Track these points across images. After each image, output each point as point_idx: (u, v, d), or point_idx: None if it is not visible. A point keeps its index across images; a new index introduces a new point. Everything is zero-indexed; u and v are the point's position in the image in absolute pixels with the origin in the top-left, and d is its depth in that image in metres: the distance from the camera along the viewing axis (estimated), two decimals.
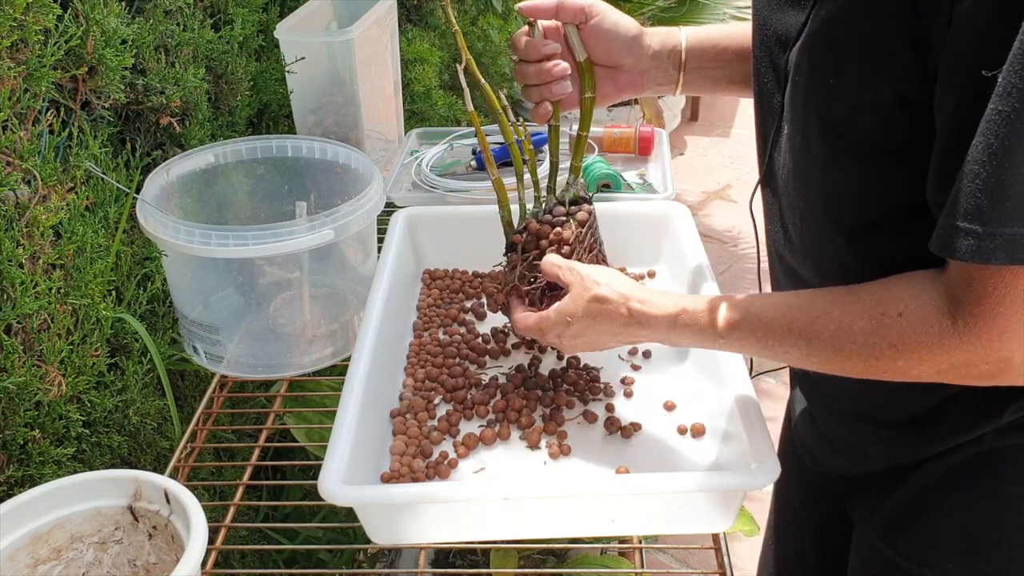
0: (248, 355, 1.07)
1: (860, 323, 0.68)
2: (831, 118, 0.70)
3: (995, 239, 0.58)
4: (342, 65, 1.35)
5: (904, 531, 0.82)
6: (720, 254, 3.07)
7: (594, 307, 0.82)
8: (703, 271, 1.04)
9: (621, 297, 0.81)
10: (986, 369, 0.64)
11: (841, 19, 0.67)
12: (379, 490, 0.82)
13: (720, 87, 0.98)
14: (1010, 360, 0.63)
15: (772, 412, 0.98)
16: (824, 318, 0.70)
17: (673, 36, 0.95)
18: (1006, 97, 0.56)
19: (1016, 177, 0.57)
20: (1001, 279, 0.60)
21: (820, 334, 0.70)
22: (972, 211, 0.58)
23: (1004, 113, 0.56)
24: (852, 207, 0.73)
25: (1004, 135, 0.56)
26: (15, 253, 0.89)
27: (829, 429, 0.91)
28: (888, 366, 0.67)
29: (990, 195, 0.57)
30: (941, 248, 0.62)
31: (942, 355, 0.64)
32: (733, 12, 2.95)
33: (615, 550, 1.33)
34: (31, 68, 0.91)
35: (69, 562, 0.80)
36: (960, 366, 0.64)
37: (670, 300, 0.80)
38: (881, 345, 0.67)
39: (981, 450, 0.76)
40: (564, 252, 0.91)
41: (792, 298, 0.74)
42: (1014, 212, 0.57)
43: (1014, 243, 0.58)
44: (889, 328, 0.66)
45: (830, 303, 0.71)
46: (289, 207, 1.17)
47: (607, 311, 0.82)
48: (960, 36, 0.58)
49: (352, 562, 1.46)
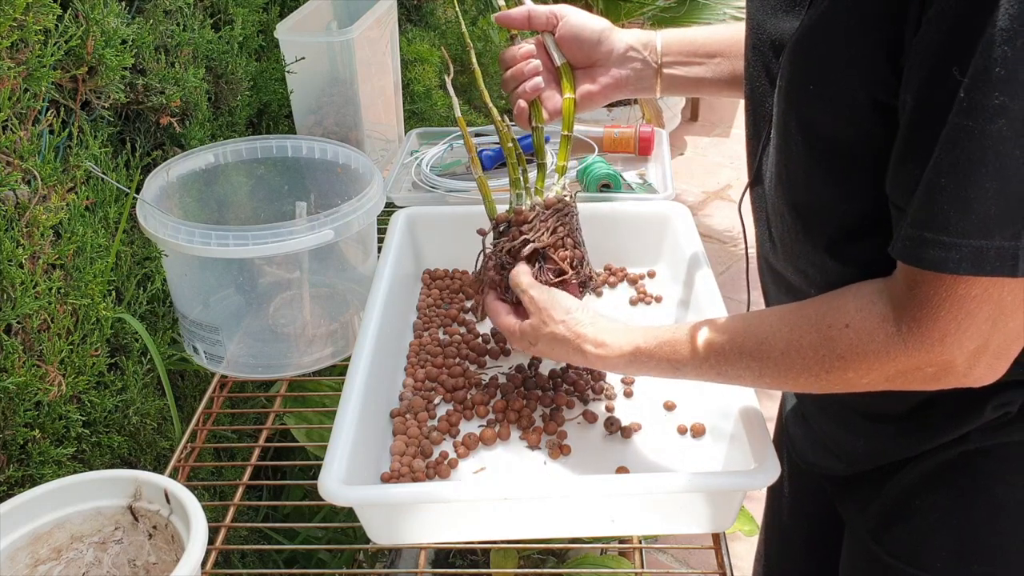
0: (248, 355, 1.07)
1: (808, 338, 0.69)
2: (810, 122, 0.71)
3: (961, 250, 0.59)
4: (342, 65, 1.35)
5: (893, 530, 0.82)
6: (720, 254, 3.07)
7: (551, 341, 0.85)
8: (703, 271, 1.04)
9: (576, 338, 0.83)
10: (930, 372, 0.65)
11: (822, 25, 0.68)
12: (379, 490, 0.82)
13: (705, 86, 0.98)
14: (952, 363, 0.64)
15: (772, 412, 0.98)
16: (773, 337, 0.71)
17: (649, 34, 0.98)
18: (969, 112, 0.57)
19: (980, 191, 0.58)
20: (943, 284, 0.61)
21: (770, 353, 0.71)
22: (938, 223, 0.60)
23: (969, 128, 0.57)
24: (829, 211, 0.74)
25: (969, 150, 0.58)
26: (15, 253, 0.89)
27: (819, 428, 0.91)
28: (838, 378, 0.69)
29: (956, 208, 0.59)
30: (905, 256, 0.63)
31: (888, 362, 0.66)
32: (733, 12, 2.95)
33: (615, 550, 1.33)
34: (31, 68, 0.91)
35: (69, 562, 0.80)
36: (906, 371, 0.66)
37: (624, 337, 0.81)
38: (830, 358, 0.68)
39: (968, 449, 0.76)
40: (524, 230, 0.91)
41: (739, 322, 0.76)
42: (979, 225, 0.59)
43: (980, 255, 0.59)
44: (836, 340, 0.68)
45: (778, 321, 0.72)
46: (289, 207, 1.17)
47: (566, 347, 0.84)
48: (923, 40, 0.59)
49: (352, 562, 1.46)
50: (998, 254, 0.59)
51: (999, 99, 0.56)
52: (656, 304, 1.13)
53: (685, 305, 1.07)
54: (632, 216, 1.20)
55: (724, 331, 0.75)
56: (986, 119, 0.57)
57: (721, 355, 0.75)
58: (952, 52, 0.58)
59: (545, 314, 0.85)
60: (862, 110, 0.67)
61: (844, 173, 0.71)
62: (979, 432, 0.76)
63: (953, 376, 0.65)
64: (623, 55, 0.97)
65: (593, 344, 0.82)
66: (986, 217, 0.58)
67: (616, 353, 0.81)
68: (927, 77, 0.60)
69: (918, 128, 0.61)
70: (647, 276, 1.18)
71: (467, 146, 0.98)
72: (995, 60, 0.56)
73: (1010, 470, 0.76)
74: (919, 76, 0.60)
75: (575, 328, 0.83)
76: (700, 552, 0.97)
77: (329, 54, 1.35)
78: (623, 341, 0.81)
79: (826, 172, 0.72)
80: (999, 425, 0.75)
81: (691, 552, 1.85)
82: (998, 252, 0.59)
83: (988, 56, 0.56)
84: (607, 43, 0.96)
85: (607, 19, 1.00)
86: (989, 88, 0.56)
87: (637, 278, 1.17)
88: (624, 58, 0.97)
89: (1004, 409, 0.74)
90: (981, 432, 0.75)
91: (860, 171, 0.70)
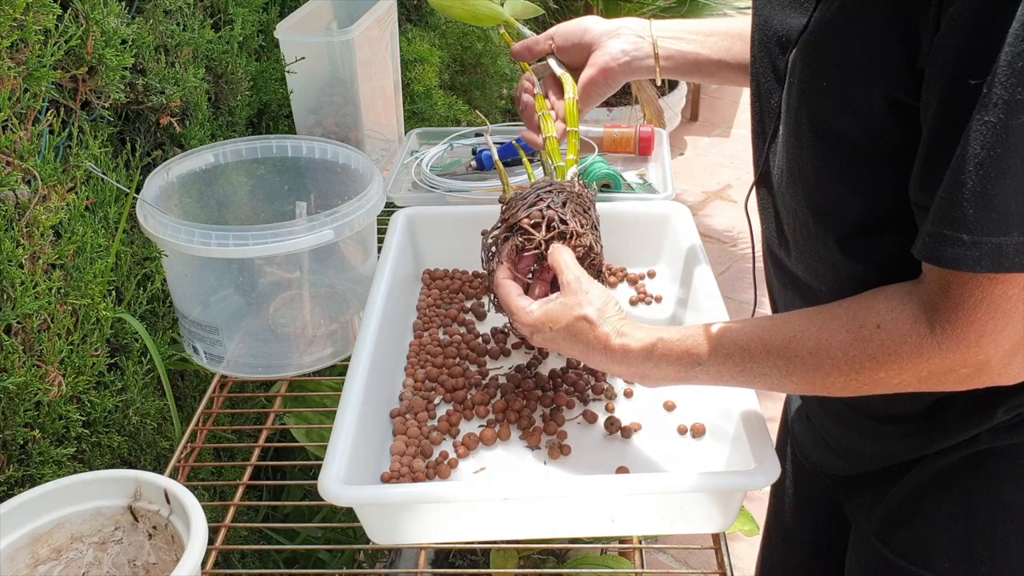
0: (248, 355, 1.07)
1: (838, 338, 0.68)
2: (823, 120, 0.71)
3: (980, 248, 0.59)
4: (342, 65, 1.35)
5: (900, 531, 0.82)
6: (720, 254, 3.07)
7: (578, 325, 0.80)
8: (703, 271, 1.04)
9: (603, 323, 0.79)
10: (965, 373, 0.65)
11: (837, 22, 0.68)
12: (379, 490, 0.82)
13: (705, 66, 0.98)
14: (988, 363, 0.64)
15: (772, 412, 0.98)
16: (802, 336, 0.70)
17: (641, 20, 1.01)
18: (992, 108, 0.57)
19: (1001, 187, 0.58)
20: (978, 285, 0.61)
21: (799, 352, 0.70)
22: (958, 220, 0.59)
23: (990, 123, 0.57)
24: (842, 208, 0.73)
25: (990, 145, 0.57)
26: (15, 253, 0.89)
27: (824, 428, 0.91)
28: (869, 378, 0.68)
29: (975, 204, 0.58)
30: (926, 255, 0.62)
31: (921, 363, 0.65)
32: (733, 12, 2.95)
33: (615, 550, 1.33)
34: (31, 68, 0.91)
35: (69, 562, 0.80)
36: (940, 372, 0.65)
37: (646, 332, 0.78)
38: (861, 358, 0.67)
39: (976, 450, 0.76)
40: (526, 190, 0.91)
41: (767, 321, 0.74)
42: (999, 221, 0.58)
43: (999, 252, 0.59)
44: (868, 341, 0.67)
45: (807, 321, 0.71)
46: (289, 207, 1.17)
47: (588, 336, 0.80)
48: (944, 41, 0.59)
49: (352, 562, 1.46)
50: (1016, 250, 0.58)
51: (1022, 94, 0.56)
52: (656, 304, 1.13)
53: (685, 305, 1.07)
54: (632, 216, 1.20)
55: (751, 328, 0.74)
56: (1009, 114, 0.56)
57: (747, 352, 0.73)
58: (975, 50, 0.57)
59: (583, 295, 0.81)
60: (877, 108, 0.66)
61: (857, 170, 0.70)
62: (990, 433, 0.75)
63: (988, 376, 0.65)
64: (613, 31, 0.99)
65: (618, 334, 0.79)
66: (1006, 213, 0.58)
67: (639, 345, 0.77)
68: (951, 77, 0.59)
69: (943, 130, 0.60)
70: (647, 276, 1.18)
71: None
72: (1019, 55, 0.55)
73: (1019, 471, 0.76)
74: (943, 77, 0.60)
75: (608, 317, 0.80)
76: (700, 552, 0.98)
77: (329, 54, 1.35)
78: (646, 335, 0.78)
79: (838, 169, 0.72)
80: (1010, 426, 0.75)
81: (691, 552, 1.85)
82: (1016, 248, 0.58)
83: (1011, 51, 0.56)
84: (594, 27, 1.00)
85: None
86: (1012, 83, 0.56)
87: (637, 278, 1.17)
88: (614, 33, 0.98)
89: (1016, 411, 0.74)
90: (992, 433, 0.75)
91: (873, 168, 0.69)
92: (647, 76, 1.01)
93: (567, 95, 0.99)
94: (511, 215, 0.90)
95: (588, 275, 0.84)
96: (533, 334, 0.84)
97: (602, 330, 0.79)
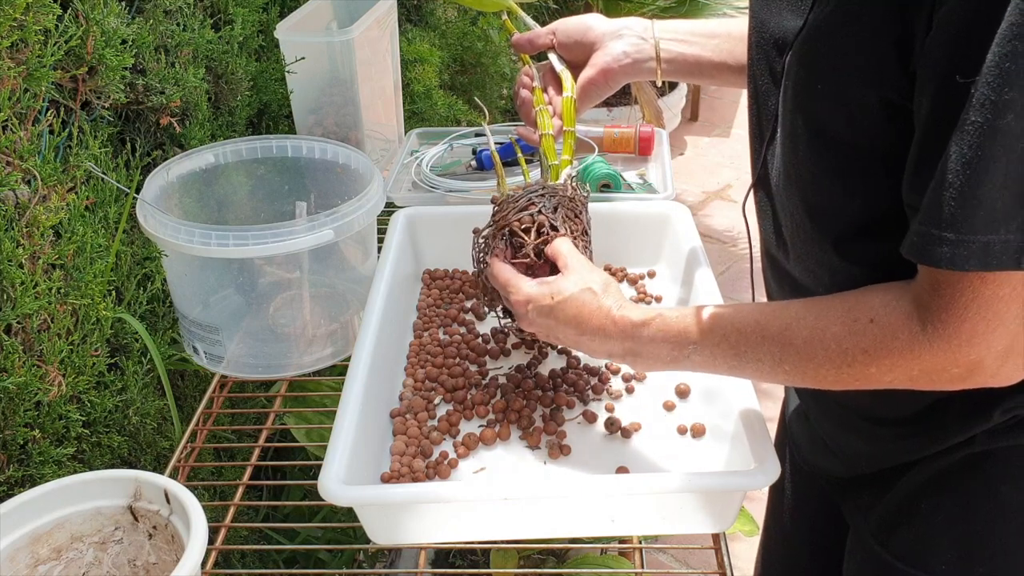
0: (248, 355, 1.07)
1: (833, 329, 0.69)
2: (818, 122, 0.71)
3: (968, 246, 0.59)
4: (342, 65, 1.35)
5: (898, 532, 0.82)
6: (720, 254, 3.06)
7: (583, 296, 0.80)
8: (703, 271, 1.04)
9: (606, 295, 0.80)
10: (956, 373, 0.65)
11: (832, 24, 0.68)
12: (379, 490, 0.82)
13: (707, 69, 0.98)
14: (980, 363, 0.64)
15: (772, 412, 0.98)
16: (797, 324, 0.71)
17: (644, 20, 1.00)
18: (980, 108, 0.57)
19: (989, 186, 0.58)
20: (968, 284, 0.61)
21: (793, 340, 0.70)
22: (946, 219, 0.59)
23: (978, 124, 0.57)
24: (838, 210, 0.74)
25: (978, 145, 0.57)
26: (15, 253, 0.89)
27: (823, 430, 0.91)
28: (861, 372, 0.68)
29: (962, 203, 0.59)
30: (915, 254, 0.63)
31: (912, 361, 0.65)
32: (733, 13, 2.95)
33: (615, 550, 1.33)
34: (31, 68, 0.91)
35: (69, 562, 0.80)
36: (931, 371, 0.65)
37: (647, 308, 0.80)
38: (853, 351, 0.67)
39: (974, 452, 0.76)
40: (519, 193, 0.92)
41: (765, 306, 0.75)
42: (986, 220, 0.58)
43: (987, 250, 0.59)
44: (861, 334, 0.67)
45: (804, 309, 0.71)
46: (289, 207, 1.17)
47: (591, 306, 0.79)
48: (936, 41, 0.59)
49: (352, 562, 1.46)
50: (1003, 248, 0.58)
51: (1008, 94, 0.56)
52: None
53: (685, 305, 1.07)
54: (632, 216, 1.20)
55: (749, 312, 0.74)
56: (996, 114, 0.56)
57: (742, 335, 0.73)
58: (965, 51, 0.58)
59: (587, 273, 0.82)
60: (871, 110, 0.66)
61: (852, 172, 0.71)
62: (986, 435, 0.75)
63: (980, 376, 0.65)
64: (615, 32, 0.99)
65: (618, 306, 0.79)
66: (993, 211, 0.58)
67: (638, 314, 0.78)
68: (942, 78, 0.59)
69: (934, 130, 0.61)
70: (647, 276, 1.18)
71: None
72: (1006, 56, 0.56)
73: (1016, 473, 0.76)
74: (934, 78, 0.60)
75: (610, 291, 0.81)
76: (700, 552, 0.98)
77: (329, 54, 1.35)
78: (646, 308, 0.79)
79: (834, 171, 0.72)
80: (1007, 428, 0.75)
81: (691, 552, 1.85)
82: (1003, 246, 0.58)
83: (998, 52, 0.56)
84: (597, 26, 0.99)
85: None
86: (999, 83, 0.56)
87: (637, 278, 1.17)
88: (616, 34, 0.98)
89: (1013, 413, 0.74)
90: (988, 435, 0.75)
91: (868, 170, 0.69)
92: (648, 78, 1.01)
93: (565, 93, 0.99)
94: (502, 217, 0.91)
95: (590, 262, 0.85)
96: (529, 310, 0.82)
97: (605, 302, 0.80)
